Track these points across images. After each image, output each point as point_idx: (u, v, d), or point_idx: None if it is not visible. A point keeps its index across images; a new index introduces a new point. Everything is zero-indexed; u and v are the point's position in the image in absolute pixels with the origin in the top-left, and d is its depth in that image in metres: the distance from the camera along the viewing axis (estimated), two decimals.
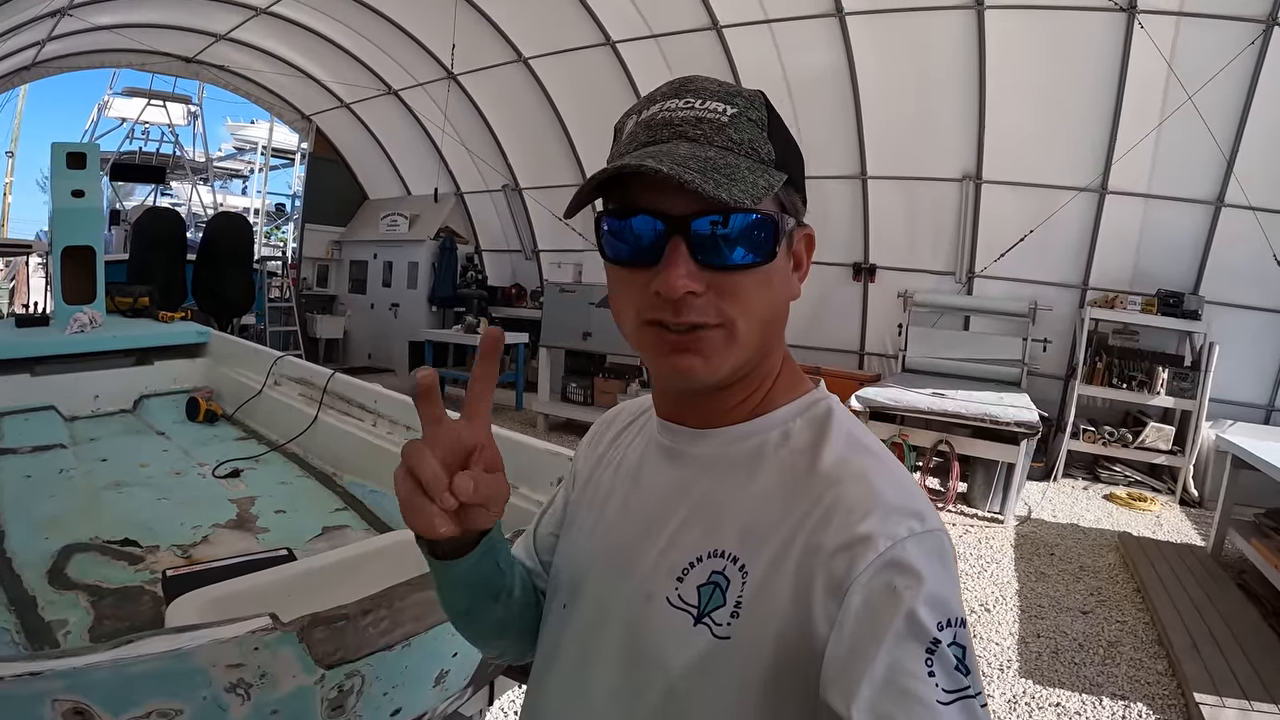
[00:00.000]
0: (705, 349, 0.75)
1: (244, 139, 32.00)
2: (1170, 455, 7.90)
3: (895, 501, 0.71)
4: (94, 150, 5.13)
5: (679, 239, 0.73)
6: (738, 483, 0.80)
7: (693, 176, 0.68)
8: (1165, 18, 7.11)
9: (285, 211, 27.66)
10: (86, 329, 4.63)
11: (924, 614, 0.64)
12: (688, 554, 0.79)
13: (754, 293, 0.76)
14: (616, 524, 0.90)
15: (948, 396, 7.03)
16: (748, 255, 0.74)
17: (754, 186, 0.71)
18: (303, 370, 3.95)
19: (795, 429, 0.82)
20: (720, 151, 0.74)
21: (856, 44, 8.56)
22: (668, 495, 0.85)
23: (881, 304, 9.92)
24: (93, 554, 2.39)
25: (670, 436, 0.88)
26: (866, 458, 0.77)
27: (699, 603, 0.76)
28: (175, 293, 9.00)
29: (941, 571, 0.68)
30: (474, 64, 11.28)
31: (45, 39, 10.25)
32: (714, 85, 0.80)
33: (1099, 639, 4.45)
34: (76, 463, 3.31)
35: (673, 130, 0.75)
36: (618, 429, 1.04)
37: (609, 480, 0.96)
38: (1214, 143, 7.31)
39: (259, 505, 2.85)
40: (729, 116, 0.76)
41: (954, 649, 0.64)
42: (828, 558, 0.69)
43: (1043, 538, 6.26)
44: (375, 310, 14.40)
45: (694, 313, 0.74)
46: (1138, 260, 8.55)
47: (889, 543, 0.68)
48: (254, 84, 13.94)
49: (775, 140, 0.78)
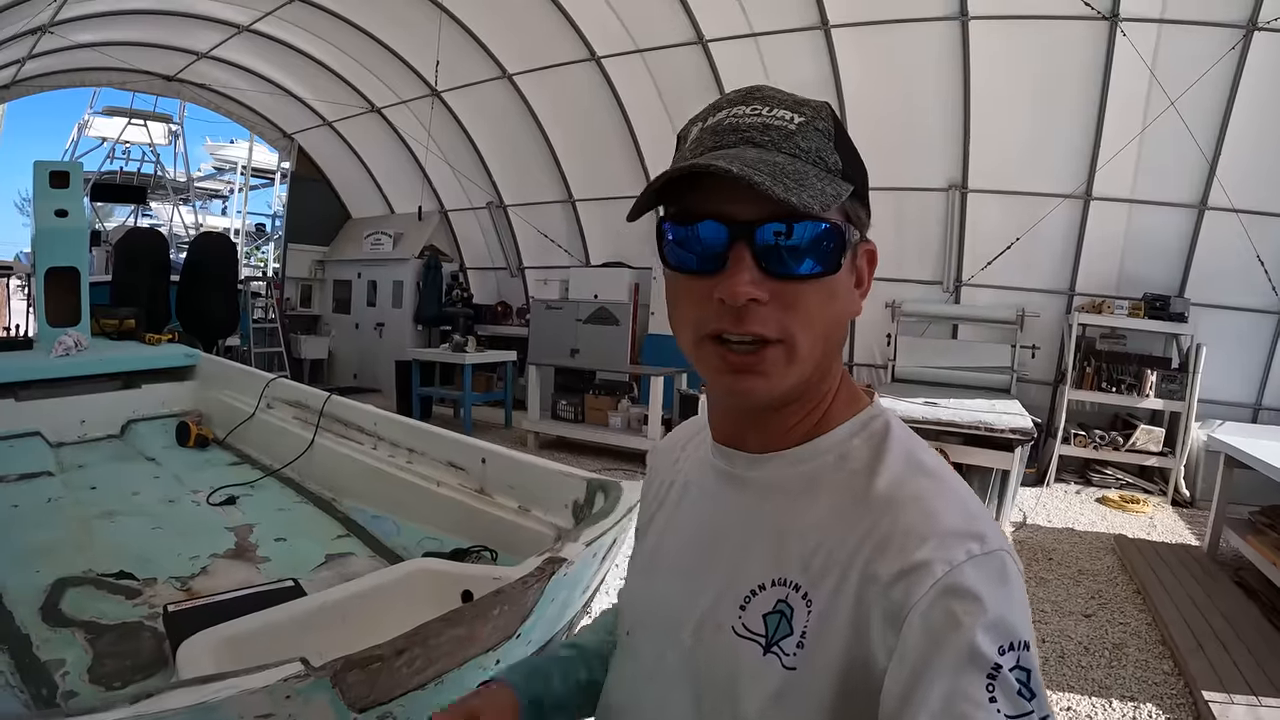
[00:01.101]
0: (766, 368, 0.73)
1: (223, 159, 31.84)
2: (1161, 457, 7.93)
3: (953, 525, 0.69)
4: (77, 169, 5.07)
5: (744, 245, 0.71)
6: (797, 508, 0.78)
7: (763, 179, 0.67)
8: (1147, 25, 7.17)
9: (265, 231, 27.51)
10: (72, 352, 4.54)
11: (983, 639, 0.62)
12: (750, 582, 0.77)
13: (817, 306, 0.74)
14: (677, 552, 0.89)
15: (940, 405, 7.00)
16: (813, 265, 0.72)
17: (822, 194, 0.70)
18: (297, 393, 3.87)
19: (853, 449, 0.79)
20: (788, 158, 0.72)
21: (842, 57, 8.58)
22: (727, 521, 0.83)
23: (869, 314, 9.87)
24: (87, 588, 2.32)
25: (727, 461, 0.85)
26: (924, 479, 0.75)
27: (766, 632, 0.74)
28: (160, 314, 8.88)
29: (1003, 594, 0.65)
30: (458, 80, 11.24)
31: (25, 57, 10.14)
32: (782, 94, 0.78)
33: (1103, 642, 4.43)
34: (65, 491, 3.23)
35: (739, 135, 0.74)
36: (674, 456, 1.01)
37: (669, 509, 0.95)
38: (1196, 147, 7.38)
39: (258, 533, 2.77)
40: (796, 125, 0.74)
41: (1017, 673, 0.62)
42: (885, 587, 0.67)
43: (1040, 543, 6.24)
44: (360, 330, 14.31)
45: (757, 323, 0.72)
46: (1123, 265, 8.59)
47: (946, 568, 0.65)
48: (235, 102, 13.85)
49: (841, 151, 0.76)
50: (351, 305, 14.60)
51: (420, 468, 2.86)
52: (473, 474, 2.64)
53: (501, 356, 10.62)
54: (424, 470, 2.82)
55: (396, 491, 2.85)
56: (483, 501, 2.53)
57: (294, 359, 13.72)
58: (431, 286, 13.17)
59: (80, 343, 4.65)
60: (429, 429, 2.95)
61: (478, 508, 2.50)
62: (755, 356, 0.73)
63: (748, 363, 0.73)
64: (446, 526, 2.59)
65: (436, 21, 9.75)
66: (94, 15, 9.74)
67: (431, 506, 2.68)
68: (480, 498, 2.56)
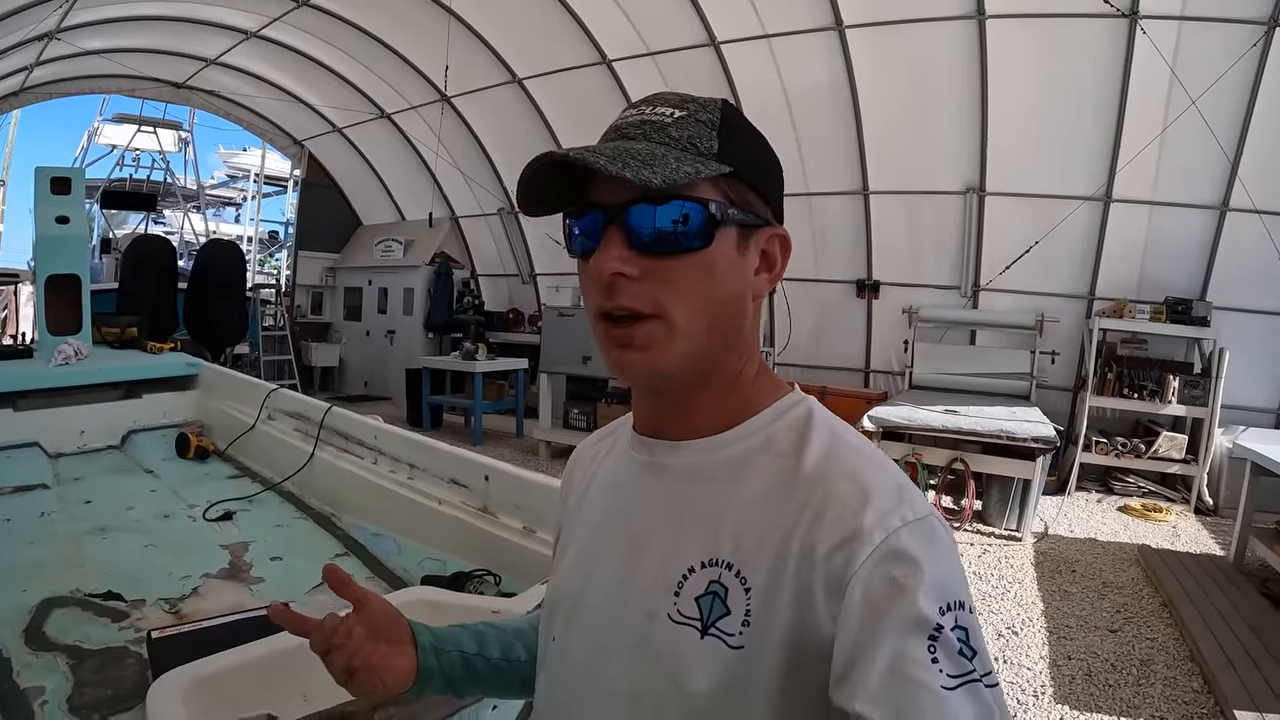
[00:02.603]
0: (643, 341, 0.77)
1: (236, 166, 31.97)
2: (1183, 464, 7.82)
3: (885, 493, 0.71)
4: (79, 175, 4.99)
5: (613, 226, 0.76)
6: (723, 490, 0.79)
7: (598, 159, 0.71)
8: (1167, 23, 7.05)
9: (279, 239, 27.58)
10: (71, 361, 4.46)
11: (924, 601, 0.64)
12: (680, 566, 0.78)
13: (691, 280, 0.76)
14: (602, 548, 0.89)
15: (960, 413, 6.89)
16: (680, 241, 0.75)
17: (674, 171, 0.72)
18: (297, 404, 3.77)
19: (777, 432, 0.81)
20: (652, 145, 0.76)
21: (856, 58, 8.48)
22: (652, 510, 0.84)
23: (886, 321, 9.81)
24: (73, 609, 2.23)
25: (648, 451, 0.87)
26: (852, 454, 0.77)
27: (700, 614, 0.75)
28: (167, 322, 8.85)
29: (938, 556, 0.68)
30: (467, 86, 11.17)
31: (33, 63, 10.16)
32: (676, 95, 0.82)
33: (1130, 658, 4.33)
34: (59, 504, 3.15)
35: (618, 133, 0.79)
36: (593, 453, 1.03)
37: (590, 505, 0.96)
38: (1218, 147, 7.26)
39: (253, 552, 2.67)
40: (674, 118, 0.78)
41: (957, 632, 0.64)
42: (825, 557, 0.69)
43: (1062, 554, 6.13)
44: (371, 337, 14.29)
45: (627, 297, 0.76)
46: (1144, 268, 8.47)
47: (884, 534, 0.67)
48: (245, 109, 13.89)
49: (726, 138, 0.78)
50: (362, 312, 14.60)
51: (422, 484, 2.75)
52: (475, 492, 2.53)
53: (513, 364, 10.53)
54: (426, 487, 2.71)
55: (398, 509, 2.75)
56: (486, 521, 2.42)
57: (304, 366, 13.73)
58: (442, 293, 13.15)
59: (80, 351, 4.57)
60: (431, 443, 2.84)
61: (481, 528, 2.40)
62: (629, 330, 0.77)
63: (625, 336, 0.77)
64: (449, 547, 2.48)
65: (445, 26, 9.68)
66: (101, 22, 9.75)
67: (433, 526, 2.57)
68: (483, 517, 2.45)
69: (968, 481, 6.53)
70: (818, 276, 10.16)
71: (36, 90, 11.57)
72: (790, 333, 10.31)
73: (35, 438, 3.94)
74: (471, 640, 1.03)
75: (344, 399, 13.33)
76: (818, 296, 10.23)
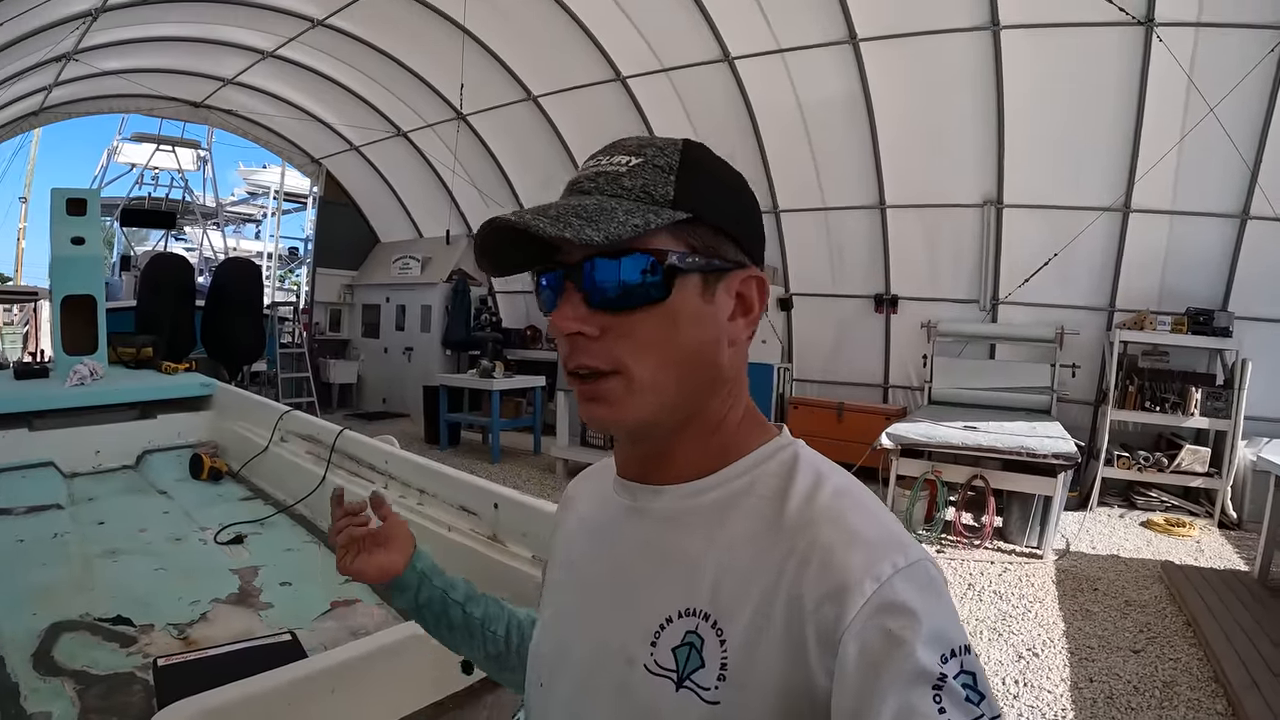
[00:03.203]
0: (606, 396, 0.77)
1: (256, 183, 32.31)
2: (1206, 477, 7.72)
3: (873, 538, 0.70)
4: (94, 196, 5.01)
5: (569, 284, 0.76)
6: (704, 536, 0.78)
7: (538, 222, 0.70)
8: (1183, 30, 7.00)
9: (299, 255, 27.78)
10: (87, 381, 4.47)
11: (924, 652, 0.62)
12: (659, 614, 0.77)
13: (653, 334, 0.76)
14: (586, 593, 0.89)
15: (980, 429, 6.83)
16: (635, 296, 0.75)
17: (619, 225, 0.71)
18: (309, 426, 3.75)
19: (761, 476, 0.79)
20: (604, 198, 0.75)
21: (871, 70, 8.47)
22: (634, 555, 0.84)
23: (904, 335, 9.76)
24: (82, 633, 2.21)
25: (630, 495, 0.86)
26: (838, 497, 0.75)
27: (676, 666, 0.74)
28: (184, 339, 8.89)
29: (935, 603, 0.66)
30: (483, 103, 11.25)
31: (52, 84, 10.30)
32: (635, 141, 0.80)
33: (1153, 680, 4.25)
34: (73, 525, 3.14)
35: (575, 187, 0.78)
36: (580, 498, 1.03)
37: (575, 551, 0.96)
38: (1237, 154, 7.20)
39: (262, 576, 2.64)
40: (630, 167, 0.77)
41: (961, 679, 0.63)
42: (815, 608, 0.67)
43: (1084, 572, 6.05)
44: (389, 354, 14.34)
45: (585, 355, 0.76)
46: (1164, 278, 8.40)
47: (875, 584, 0.66)
48: (262, 128, 14.02)
49: (684, 182, 0.77)
50: (380, 329, 14.67)
51: (431, 510, 2.71)
52: (485, 519, 2.50)
53: (530, 382, 10.52)
54: (435, 513, 2.68)
55: None
56: (495, 549, 2.39)
57: (323, 383, 13.79)
58: (459, 310, 13.18)
59: (96, 371, 4.58)
60: (440, 469, 2.81)
61: (490, 556, 2.36)
62: (594, 386, 0.77)
63: (590, 391, 0.78)
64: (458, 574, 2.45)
65: (460, 44, 9.74)
66: (118, 43, 9.89)
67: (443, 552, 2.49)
68: (493, 545, 2.42)
69: (988, 498, 6.45)
70: (835, 292, 10.15)
71: (56, 110, 11.73)
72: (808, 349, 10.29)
73: (50, 457, 3.94)
74: (461, 591, 1.19)
75: (362, 416, 13.40)
76: (835, 312, 10.21)
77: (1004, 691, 4.05)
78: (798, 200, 9.97)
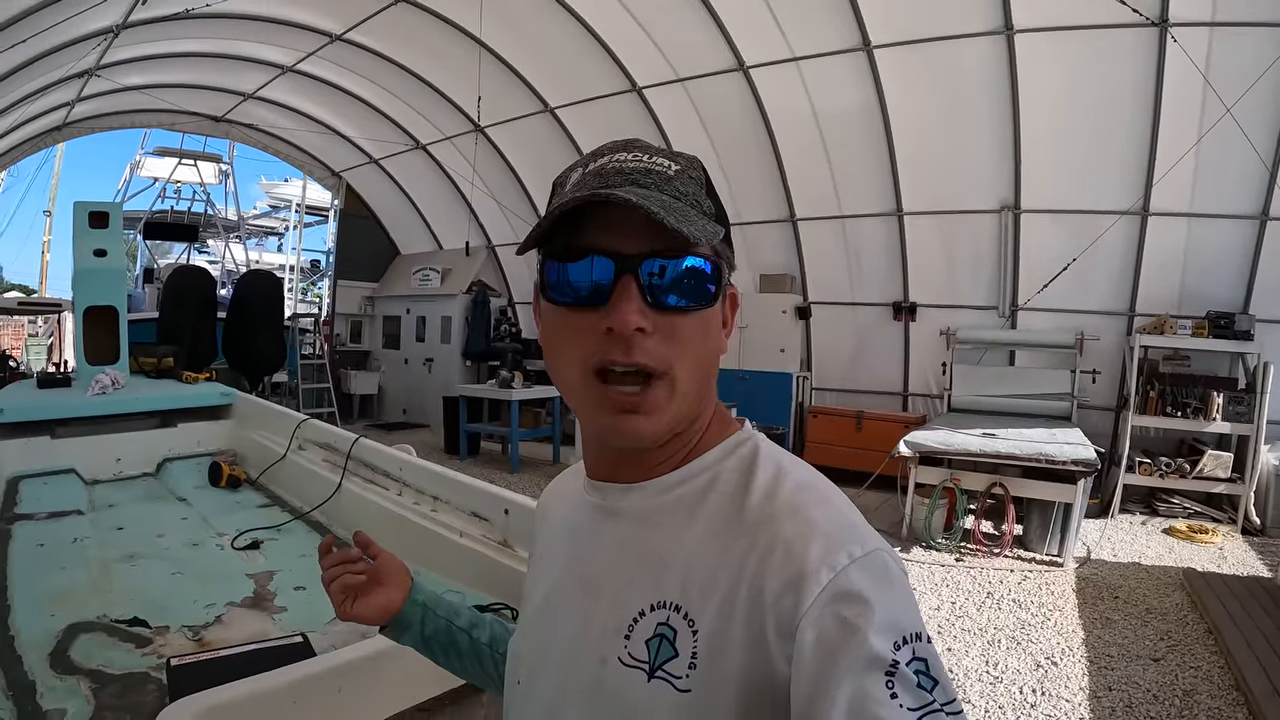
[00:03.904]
0: (649, 406, 0.76)
1: (278, 196, 32.67)
2: (1229, 483, 7.63)
3: (831, 529, 0.71)
4: (116, 210, 5.08)
5: (629, 278, 0.74)
6: (673, 531, 0.80)
7: (659, 210, 0.70)
8: (1197, 30, 6.97)
9: (321, 267, 28.02)
10: (109, 390, 4.54)
11: (877, 639, 0.64)
12: (631, 610, 0.78)
13: (695, 338, 0.78)
14: (561, 593, 0.90)
15: (999, 437, 6.78)
16: (693, 299, 0.77)
17: (703, 230, 0.73)
18: (326, 434, 3.80)
19: (724, 471, 0.82)
20: (671, 198, 0.76)
21: (885, 78, 8.47)
22: (606, 554, 0.85)
23: (923, 343, 9.71)
24: (99, 634, 2.24)
25: (601, 495, 0.88)
26: (798, 491, 0.77)
27: (649, 657, 0.75)
28: (205, 350, 8.98)
29: (889, 591, 0.68)
30: (500, 116, 11.34)
31: (75, 99, 10.48)
32: (657, 146, 0.83)
33: (1173, 688, 4.19)
34: (92, 531, 3.18)
35: (624, 177, 0.77)
36: (556, 500, 1.04)
37: (552, 552, 0.97)
38: (1255, 154, 7.14)
39: (277, 581, 2.67)
40: (674, 171, 0.79)
41: (914, 665, 0.64)
42: (774, 599, 0.69)
43: (1105, 579, 5.99)
44: (409, 365, 14.45)
45: (643, 353, 0.75)
46: (1184, 282, 8.33)
47: (831, 573, 0.67)
48: (283, 142, 14.17)
49: (713, 198, 0.82)
50: (401, 340, 14.79)
51: (444, 516, 2.75)
52: (496, 525, 2.54)
53: (549, 392, 10.52)
54: (448, 519, 2.72)
55: (420, 540, 2.74)
56: (505, 555, 2.42)
57: (344, 394, 13.88)
58: (479, 321, 13.24)
59: (117, 381, 4.65)
60: (453, 476, 2.85)
61: (500, 561, 2.39)
62: (639, 396, 0.76)
63: (633, 402, 0.76)
64: (468, 580, 2.48)
65: (476, 58, 9.82)
66: (139, 59, 10.03)
67: (455, 558, 2.57)
68: (503, 550, 2.45)
69: (1007, 506, 6.41)
70: (854, 300, 10.13)
71: (79, 125, 11.93)
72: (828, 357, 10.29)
73: (72, 464, 4.01)
74: (465, 617, 1.18)
75: (382, 426, 13.48)
76: (854, 320, 10.19)
77: (1021, 700, 4.01)
78: (815, 209, 9.97)
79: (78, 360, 5.06)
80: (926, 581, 5.82)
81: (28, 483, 3.71)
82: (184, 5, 8.23)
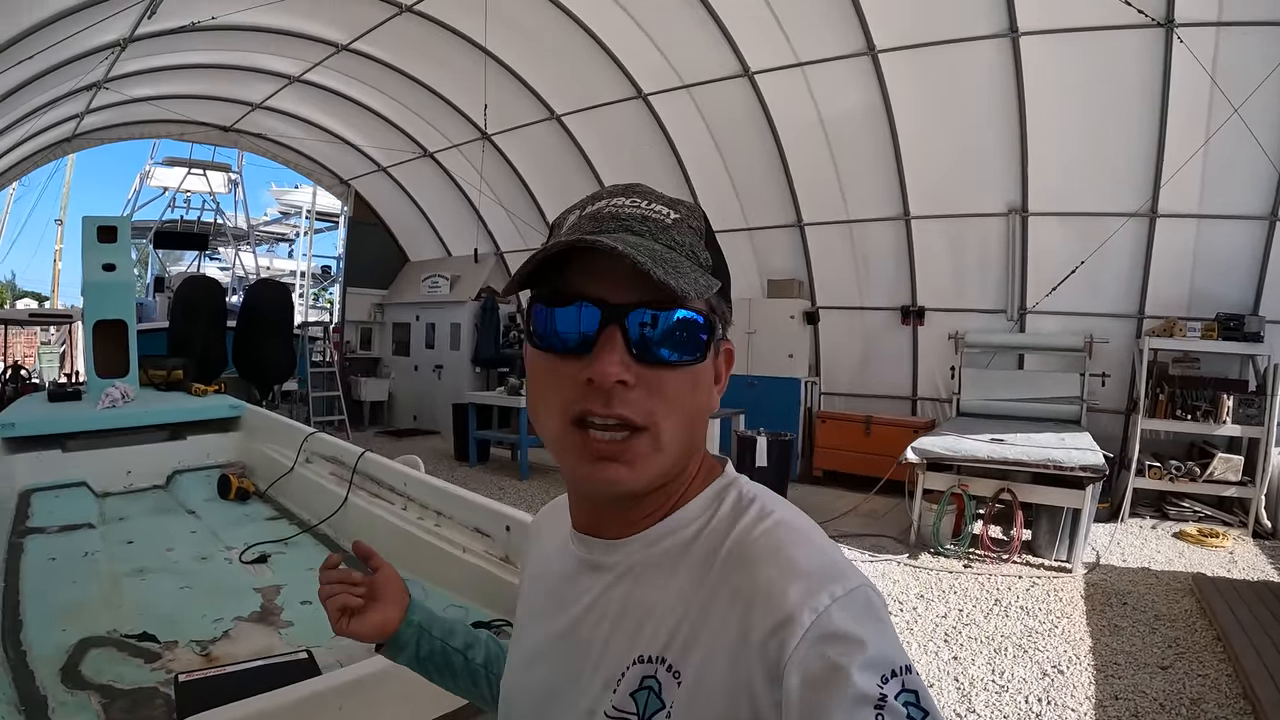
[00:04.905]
0: (630, 456, 0.75)
1: (288, 204, 32.77)
2: (1240, 486, 7.56)
3: (812, 570, 0.71)
4: (125, 223, 5.13)
5: (614, 328, 0.73)
6: (658, 583, 0.79)
7: (645, 260, 0.69)
8: (1203, 30, 6.93)
9: (331, 274, 28.11)
10: (118, 403, 4.58)
11: (862, 676, 0.63)
12: (617, 663, 0.78)
13: (682, 393, 0.76)
14: (548, 644, 0.90)
15: (1007, 441, 6.74)
16: (681, 353, 0.75)
17: (696, 283, 0.72)
18: (333, 448, 3.82)
19: (707, 520, 0.81)
20: (664, 248, 0.75)
21: (891, 82, 8.47)
22: (591, 608, 0.84)
23: (932, 347, 9.69)
24: (109, 649, 2.27)
25: (585, 549, 0.87)
26: (780, 532, 0.76)
27: (636, 709, 0.75)
28: (215, 360, 9.03)
29: (873, 627, 0.68)
30: (507, 123, 11.39)
31: (84, 111, 10.57)
32: (658, 193, 0.82)
33: (1180, 697, 4.15)
34: (103, 544, 3.23)
35: (619, 223, 0.77)
36: (544, 537, 1.04)
37: (539, 597, 0.96)
38: (1264, 155, 7.11)
39: (284, 595, 2.70)
40: (672, 220, 0.78)
41: (903, 697, 0.64)
42: (760, 645, 0.68)
43: (1114, 585, 5.94)
44: (419, 372, 14.49)
45: (624, 406, 0.73)
46: (1194, 284, 8.30)
47: (813, 615, 0.67)
48: (291, 150, 14.25)
49: (712, 249, 0.80)
50: (410, 347, 14.84)
51: (447, 531, 2.78)
52: (498, 541, 2.56)
53: None
54: (451, 535, 2.74)
55: (425, 555, 2.77)
56: (507, 571, 2.44)
57: (354, 401, 13.92)
58: (489, 328, 13.27)
59: (127, 394, 4.69)
60: (456, 492, 2.87)
61: (502, 577, 2.42)
62: (621, 445, 0.74)
63: (613, 451, 0.74)
64: (472, 595, 2.50)
65: (482, 66, 9.86)
66: (147, 71, 10.10)
67: (458, 573, 2.60)
68: (504, 566, 2.47)
69: (1015, 512, 6.37)
70: (862, 304, 10.12)
71: (89, 136, 12.05)
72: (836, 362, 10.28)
73: (83, 477, 4.05)
74: (460, 637, 1.18)
75: (392, 433, 13.52)
76: (862, 325, 10.19)
77: (1026, 711, 3.98)
78: (822, 213, 9.96)
79: (88, 373, 5.10)
80: (934, 588, 5.80)
81: (39, 496, 3.76)
82: (190, 18, 8.28)
